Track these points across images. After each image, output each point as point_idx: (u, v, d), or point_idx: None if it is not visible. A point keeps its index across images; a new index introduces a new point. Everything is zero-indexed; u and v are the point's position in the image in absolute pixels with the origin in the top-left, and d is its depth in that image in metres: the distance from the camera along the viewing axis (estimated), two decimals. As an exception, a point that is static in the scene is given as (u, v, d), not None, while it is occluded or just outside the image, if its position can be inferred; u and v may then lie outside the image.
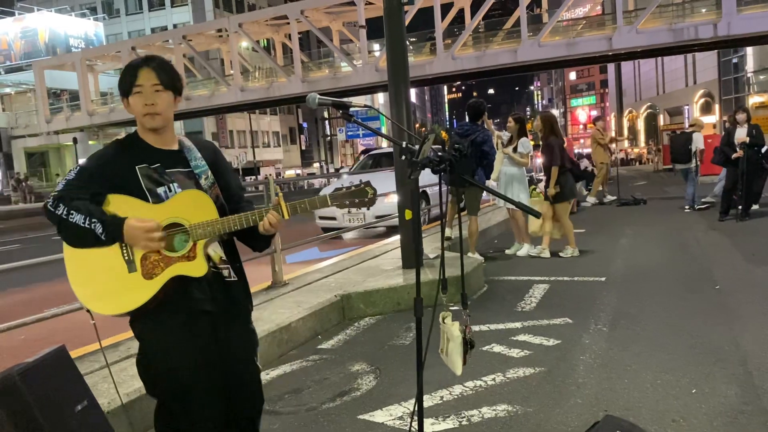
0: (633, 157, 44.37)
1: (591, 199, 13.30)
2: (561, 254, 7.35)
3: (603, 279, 6.06)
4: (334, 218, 10.47)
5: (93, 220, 1.95)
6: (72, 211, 1.95)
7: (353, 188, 2.22)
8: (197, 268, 2.05)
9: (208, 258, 2.12)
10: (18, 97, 48.30)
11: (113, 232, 1.97)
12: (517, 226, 7.70)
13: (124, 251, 2.01)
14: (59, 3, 53.39)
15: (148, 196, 2.05)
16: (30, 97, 46.49)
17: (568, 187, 7.24)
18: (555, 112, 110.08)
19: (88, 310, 2.02)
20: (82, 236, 1.96)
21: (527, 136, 7.62)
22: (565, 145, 11.75)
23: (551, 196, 7.14)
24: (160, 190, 2.07)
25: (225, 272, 2.19)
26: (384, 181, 9.26)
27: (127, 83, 2.06)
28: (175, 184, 2.09)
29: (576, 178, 7.36)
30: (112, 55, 41.70)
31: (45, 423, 1.66)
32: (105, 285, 2.00)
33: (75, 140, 40.77)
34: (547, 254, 7.34)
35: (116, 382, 3.24)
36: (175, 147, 2.19)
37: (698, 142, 11.07)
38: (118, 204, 2.02)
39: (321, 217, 10.79)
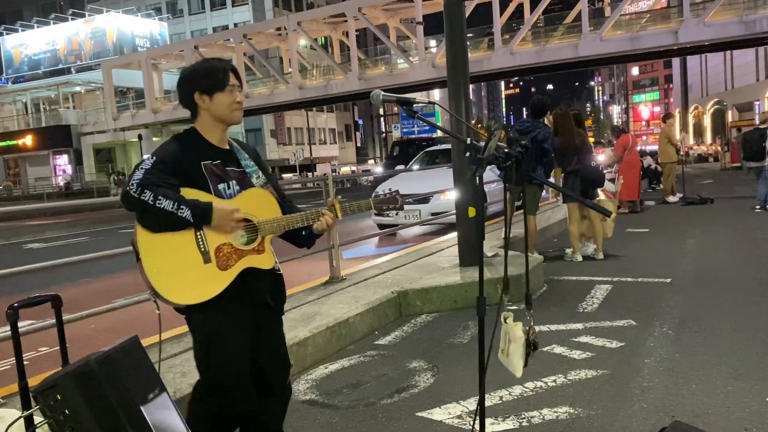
0: (710, 152, 42.61)
1: (672, 198, 12.91)
2: (565, 257, 7.24)
3: (668, 280, 5.87)
4: (389, 215, 10.49)
5: (181, 205, 2.00)
6: (159, 197, 1.98)
7: (389, 195, 2.44)
8: (266, 261, 2.19)
9: None
10: (87, 96, 50.41)
11: (202, 215, 2.03)
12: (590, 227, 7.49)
13: (200, 242, 2.07)
14: (126, 4, 55.33)
15: (211, 191, 2.13)
16: (98, 96, 48.45)
17: (570, 189, 6.98)
18: (616, 108, 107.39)
19: (154, 301, 2.08)
20: (168, 221, 2.00)
21: (585, 133, 7.41)
22: (631, 144, 11.51)
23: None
24: (221, 186, 2.16)
25: (276, 266, 2.32)
26: (440, 179, 9.27)
27: (222, 81, 2.17)
28: (234, 182, 2.19)
29: (587, 181, 7.02)
30: (176, 54, 42.94)
31: (121, 410, 1.72)
32: (182, 275, 2.05)
33: (140, 137, 42.23)
34: (600, 255, 7.18)
35: (182, 372, 3.34)
36: (227, 147, 2.29)
37: (773, 138, 10.58)
38: (192, 197, 2.07)
39: (377, 214, 10.83)
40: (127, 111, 45.67)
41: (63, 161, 47.86)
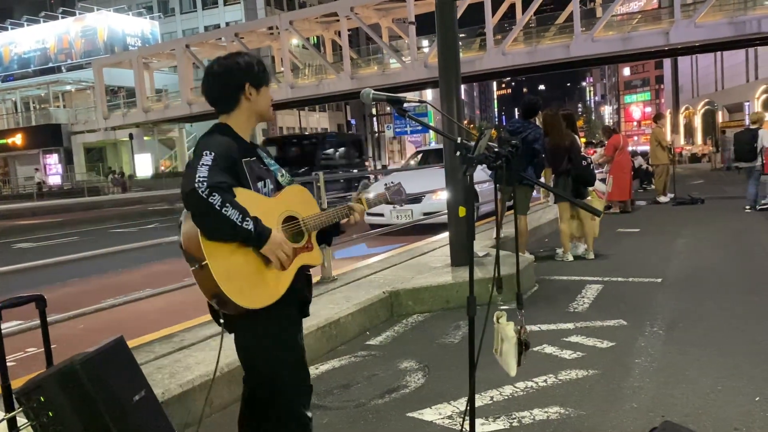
0: (706, 152, 42.72)
1: (664, 198, 12.95)
2: (556, 257, 7.25)
3: (659, 280, 5.88)
4: (381, 215, 10.47)
5: (247, 219, 1.90)
6: (227, 204, 1.87)
7: (395, 187, 2.52)
8: (317, 257, 2.19)
9: None
10: (78, 95, 50.10)
11: (260, 237, 1.95)
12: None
13: None
14: (118, 2, 54.98)
15: (251, 189, 2.06)
16: (89, 94, 48.16)
17: (561, 188, 7.02)
18: (608, 108, 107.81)
19: (216, 310, 2.02)
20: (228, 230, 1.90)
21: (577, 134, 7.43)
22: (623, 144, 11.54)
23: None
24: (259, 184, 2.10)
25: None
26: (433, 179, 9.26)
27: (268, 75, 2.17)
28: (268, 180, 2.14)
29: (576, 179, 7.04)
30: (167, 53, 42.77)
31: (105, 412, 1.69)
32: (249, 279, 1.98)
33: (131, 136, 42.04)
34: (591, 255, 7.19)
35: (170, 372, 3.31)
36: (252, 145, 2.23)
37: (765, 139, 10.62)
38: (244, 198, 1.98)
39: (369, 214, 10.80)
40: (118, 110, 45.44)
41: (53, 160, 47.56)
